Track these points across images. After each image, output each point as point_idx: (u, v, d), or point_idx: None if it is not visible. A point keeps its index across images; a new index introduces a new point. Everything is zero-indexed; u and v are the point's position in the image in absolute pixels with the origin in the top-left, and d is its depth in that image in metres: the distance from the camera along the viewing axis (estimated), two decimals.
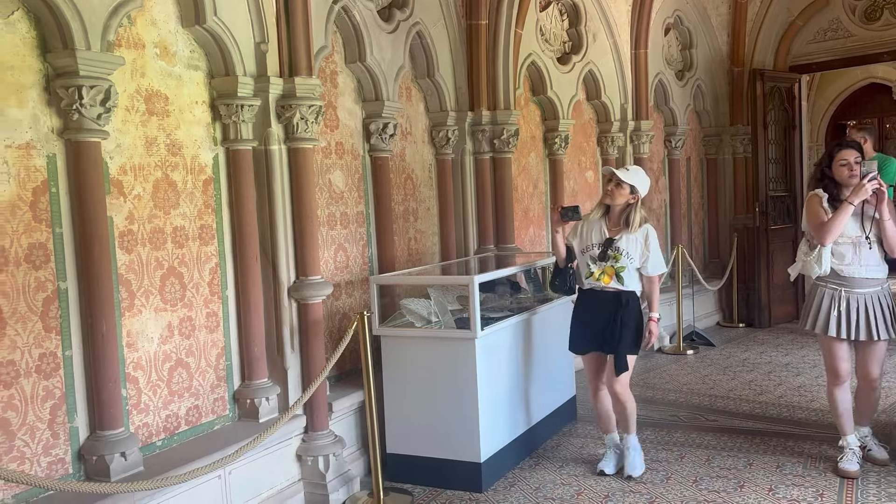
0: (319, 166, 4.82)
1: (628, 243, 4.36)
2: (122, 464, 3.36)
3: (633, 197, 4.34)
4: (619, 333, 4.31)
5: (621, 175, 4.33)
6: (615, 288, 4.36)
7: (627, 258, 4.35)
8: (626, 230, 4.35)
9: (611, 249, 4.36)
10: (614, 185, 4.34)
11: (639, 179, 4.36)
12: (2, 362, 3.07)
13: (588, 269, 4.42)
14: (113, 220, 3.52)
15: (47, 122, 3.25)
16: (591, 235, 4.46)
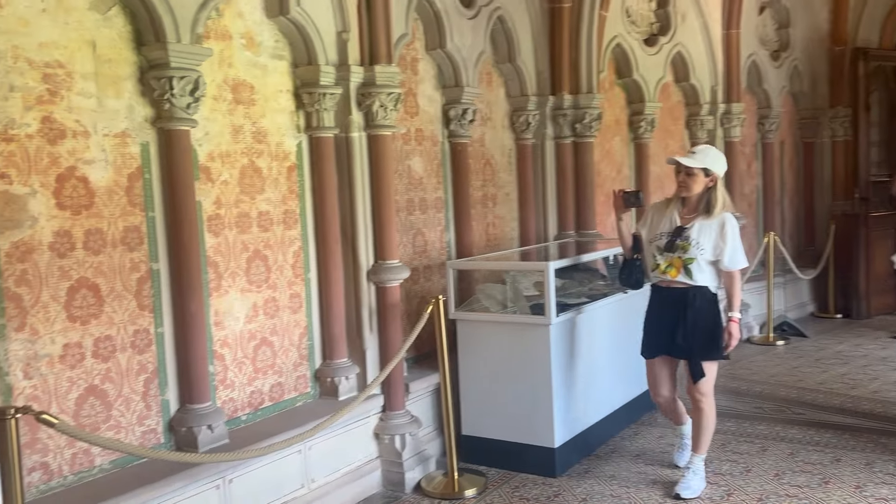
0: (399, 152, 4.90)
1: (701, 232, 3.90)
2: (209, 436, 3.55)
3: (711, 179, 3.91)
4: (691, 336, 3.91)
5: (687, 162, 3.89)
6: (683, 283, 3.93)
7: (697, 249, 3.88)
8: (704, 216, 3.90)
9: (679, 239, 3.91)
10: (685, 175, 3.91)
11: (710, 159, 3.91)
12: (100, 337, 3.29)
13: (654, 260, 4.03)
14: (201, 204, 3.70)
15: (141, 112, 3.44)
16: (660, 224, 4.04)
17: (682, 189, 3.95)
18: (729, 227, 3.90)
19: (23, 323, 3.02)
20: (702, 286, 3.92)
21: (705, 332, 3.92)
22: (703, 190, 3.91)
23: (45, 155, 3.09)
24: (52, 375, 3.11)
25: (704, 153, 3.93)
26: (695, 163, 3.88)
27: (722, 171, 3.95)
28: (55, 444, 3.11)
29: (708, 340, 3.93)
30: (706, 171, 3.89)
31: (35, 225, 3.05)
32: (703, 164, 3.88)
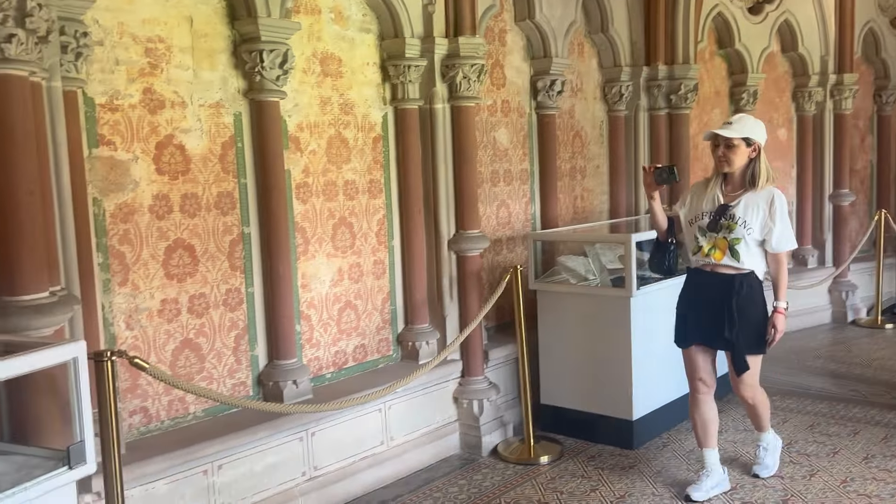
0: (484, 124, 4.96)
1: (747, 209, 3.52)
2: (294, 390, 3.76)
3: (753, 149, 3.53)
4: (736, 326, 3.55)
5: (727, 132, 3.51)
6: (729, 266, 3.56)
7: (744, 228, 3.52)
8: (750, 190, 3.53)
9: (724, 217, 3.55)
10: (725, 148, 3.53)
11: (749, 127, 3.54)
12: (195, 295, 3.54)
13: (696, 242, 3.64)
14: (290, 172, 3.89)
15: (234, 84, 3.65)
16: (701, 203, 3.66)
17: (722, 164, 3.56)
18: (778, 204, 3.54)
19: (125, 278, 3.29)
20: (749, 271, 3.56)
21: (751, 324, 3.58)
22: (746, 163, 3.55)
23: (146, 124, 3.34)
24: (151, 328, 3.39)
25: (743, 122, 3.57)
26: (734, 133, 3.51)
27: (763, 139, 3.57)
28: (154, 390, 3.40)
29: (754, 332, 3.60)
30: (747, 141, 3.52)
31: (136, 188, 3.32)
32: (742, 134, 3.51)
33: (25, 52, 2.54)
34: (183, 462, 3.26)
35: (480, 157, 4.91)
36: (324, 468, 3.82)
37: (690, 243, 3.71)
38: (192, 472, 3.30)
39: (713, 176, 3.68)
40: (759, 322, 3.61)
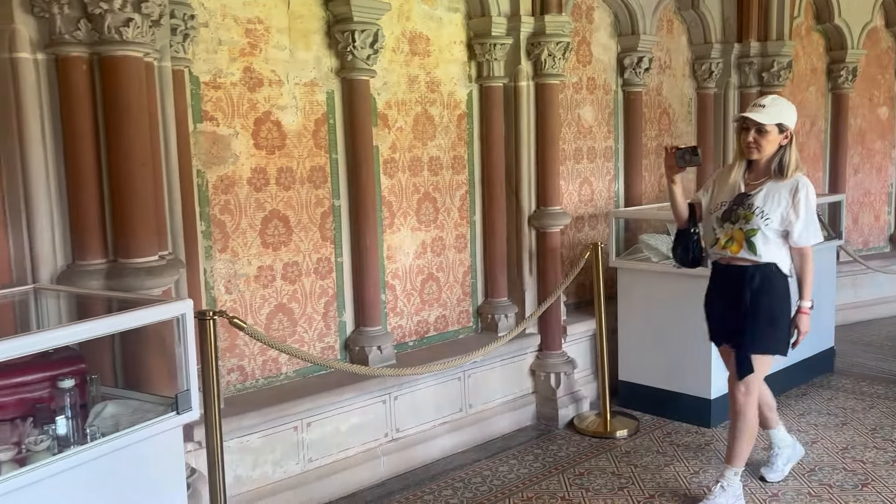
0: (569, 101, 5.00)
1: (767, 198, 3.25)
2: (378, 356, 3.95)
3: (785, 136, 3.24)
4: (745, 321, 3.29)
5: (759, 117, 3.20)
6: (746, 259, 3.29)
7: (762, 218, 3.24)
8: (776, 178, 3.26)
9: (741, 207, 3.28)
10: (756, 133, 3.23)
11: (783, 112, 3.24)
12: (288, 263, 3.76)
13: (713, 234, 3.40)
14: (378, 148, 4.05)
15: (327, 63, 3.82)
16: (722, 191, 3.40)
17: (752, 150, 3.26)
18: (803, 194, 3.23)
19: (225, 245, 3.53)
20: (767, 263, 3.27)
21: (763, 318, 3.28)
22: (776, 150, 3.26)
23: (246, 101, 3.55)
24: (248, 292, 3.63)
25: (777, 105, 3.25)
26: (768, 118, 3.20)
27: (794, 124, 3.29)
28: (250, 351, 3.64)
29: (764, 328, 3.29)
30: (780, 127, 3.23)
31: (236, 162, 3.54)
32: (777, 119, 3.21)
33: (140, 34, 2.76)
34: (275, 418, 3.50)
35: (564, 135, 4.96)
36: (405, 431, 4.01)
37: (708, 235, 3.46)
38: (284, 427, 3.54)
39: (736, 162, 3.39)
40: (774, 318, 3.29)
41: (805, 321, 3.33)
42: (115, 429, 2.16)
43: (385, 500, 3.67)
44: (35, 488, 1.92)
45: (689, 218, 3.54)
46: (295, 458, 3.59)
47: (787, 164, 3.24)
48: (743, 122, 3.29)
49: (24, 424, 2.10)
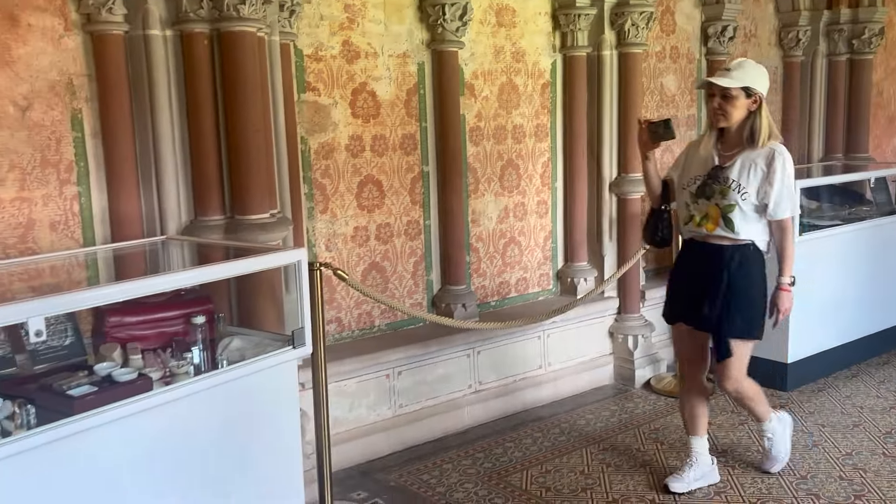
0: (652, 70, 5.08)
1: (743, 171, 3.04)
2: (462, 313, 4.20)
3: (753, 101, 3.04)
4: (722, 304, 3.09)
5: (723, 81, 3.01)
6: (723, 237, 3.09)
7: (738, 193, 3.03)
8: (748, 148, 3.06)
9: (716, 181, 3.07)
10: (721, 100, 3.05)
11: (750, 75, 3.03)
12: (381, 224, 4.04)
13: (687, 210, 3.18)
14: (465, 117, 4.27)
15: (419, 35, 4.05)
16: (694, 165, 3.20)
17: (718, 118, 3.07)
18: (779, 163, 3.02)
19: (326, 207, 3.83)
20: (745, 242, 3.08)
21: (740, 301, 3.09)
22: (745, 116, 3.06)
23: (344, 72, 3.82)
24: (345, 250, 3.93)
25: (743, 69, 3.05)
26: (732, 82, 3.00)
27: (765, 89, 3.06)
28: (346, 304, 3.95)
29: (742, 311, 3.10)
30: (747, 91, 3.02)
31: (336, 130, 3.82)
32: (742, 83, 3.00)
33: (254, 11, 3.05)
34: (369, 366, 3.80)
35: (646, 103, 5.06)
36: (487, 384, 4.26)
37: (682, 212, 3.23)
38: (377, 375, 3.84)
39: (707, 132, 3.20)
40: (754, 302, 3.12)
41: (785, 298, 3.11)
42: (240, 359, 2.47)
43: (469, 445, 3.93)
44: (178, 403, 2.25)
45: (662, 195, 3.34)
46: (387, 403, 3.89)
47: (758, 131, 3.03)
48: (709, 88, 3.09)
49: (165, 353, 2.44)
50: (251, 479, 2.48)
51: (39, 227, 2.86)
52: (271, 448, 2.54)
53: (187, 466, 2.28)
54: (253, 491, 2.49)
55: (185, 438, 2.27)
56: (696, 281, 3.16)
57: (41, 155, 2.86)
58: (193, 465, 2.30)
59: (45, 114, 2.85)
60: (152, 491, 2.19)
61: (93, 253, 2.96)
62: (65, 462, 1.97)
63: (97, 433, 2.03)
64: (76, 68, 2.91)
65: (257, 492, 2.51)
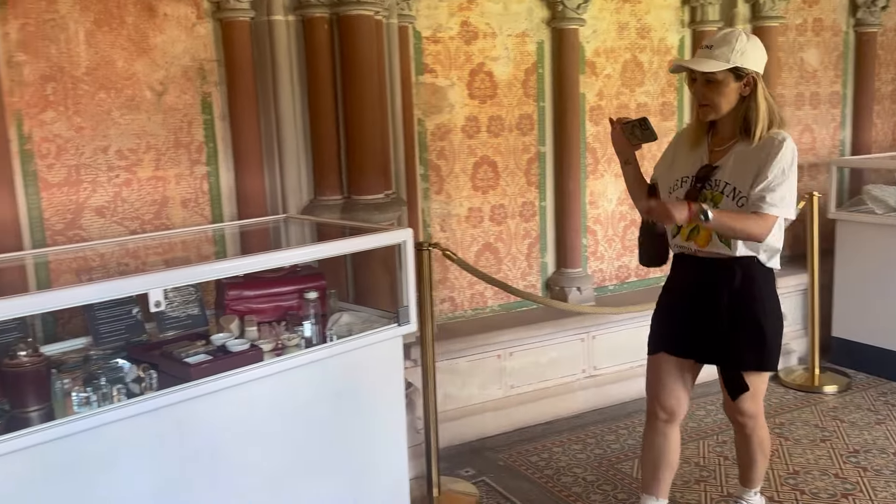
0: (791, 44, 4.77)
1: (736, 170, 2.39)
2: (578, 296, 4.14)
3: (745, 83, 2.36)
4: (727, 332, 2.48)
5: (703, 65, 2.35)
6: (718, 253, 2.45)
7: (734, 199, 2.38)
8: (745, 141, 2.40)
9: (706, 184, 2.43)
10: (704, 87, 2.38)
11: (737, 51, 2.33)
12: (495, 205, 4.04)
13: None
14: (585, 96, 4.17)
15: (538, 14, 3.99)
16: (683, 163, 2.54)
17: (704, 111, 2.42)
18: (779, 151, 2.32)
19: (440, 188, 3.87)
20: (748, 255, 2.44)
21: (751, 328, 2.48)
22: (738, 103, 2.39)
23: (462, 53, 3.83)
24: (459, 231, 3.96)
25: (728, 43, 2.35)
26: (715, 63, 2.33)
27: (759, 66, 2.37)
28: (459, 284, 3.99)
29: (755, 340, 2.49)
30: (737, 73, 2.35)
31: (452, 111, 3.84)
32: (728, 63, 2.32)
33: None
34: (481, 345, 3.83)
35: (784, 80, 4.76)
36: (602, 369, 4.19)
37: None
38: (488, 354, 3.86)
39: (696, 123, 2.54)
40: (764, 327, 2.48)
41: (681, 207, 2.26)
42: (348, 334, 2.56)
43: (581, 430, 3.89)
44: (288, 374, 2.36)
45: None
46: (497, 383, 3.91)
47: (753, 121, 2.37)
48: (689, 73, 2.43)
49: (279, 326, 2.56)
50: (356, 450, 2.58)
51: (172, 204, 3.07)
52: (376, 421, 2.62)
53: (294, 435, 2.39)
54: (357, 462, 2.59)
55: (294, 408, 2.38)
56: (690, 304, 2.54)
57: (174, 137, 3.06)
58: (300, 433, 2.41)
59: (179, 98, 3.05)
60: (260, 456, 2.32)
61: (220, 229, 3.14)
62: (181, 425, 2.12)
63: (211, 399, 2.17)
64: (206, 54, 3.09)
65: (362, 463, 2.60)
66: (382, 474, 2.67)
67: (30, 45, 2.73)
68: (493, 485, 3.39)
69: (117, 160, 2.94)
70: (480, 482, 3.40)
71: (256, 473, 2.31)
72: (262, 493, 2.33)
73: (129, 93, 2.93)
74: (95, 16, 2.84)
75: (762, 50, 2.40)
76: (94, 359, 2.31)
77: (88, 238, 2.89)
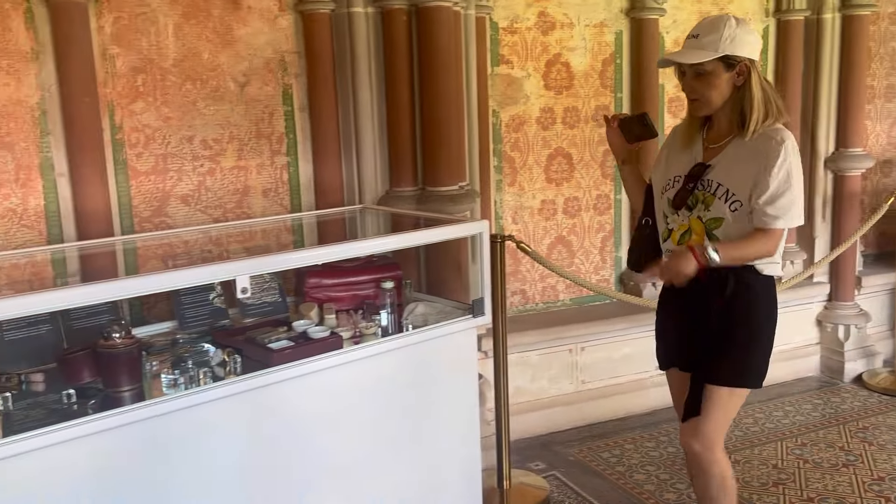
0: (882, 34, 4.57)
1: (731, 169, 2.18)
2: (652, 292, 4.03)
3: (738, 73, 2.16)
4: (710, 341, 2.24)
5: (688, 56, 2.18)
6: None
7: (726, 202, 2.17)
8: (740, 136, 2.19)
9: (698, 185, 2.22)
10: (692, 79, 2.20)
11: (725, 38, 2.13)
12: (569, 198, 4.00)
13: (665, 223, 2.33)
14: (664, 87, 4.09)
15: (617, 4, 3.92)
16: (677, 161, 2.33)
17: (695, 105, 2.23)
18: (780, 155, 2.10)
19: (514, 180, 3.86)
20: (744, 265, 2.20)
21: (737, 339, 2.23)
22: (732, 94, 2.19)
23: (538, 44, 3.79)
24: (531, 223, 3.94)
25: (716, 30, 2.15)
26: (701, 53, 2.15)
27: (752, 52, 2.17)
28: (531, 277, 3.97)
29: (734, 350, 2.23)
30: (727, 62, 2.15)
31: (527, 102, 3.82)
32: (717, 51, 2.13)
33: None
34: (552, 339, 3.80)
35: (874, 70, 4.57)
36: None
37: (660, 224, 2.38)
38: (559, 348, 3.84)
39: (690, 119, 2.33)
40: (751, 338, 2.24)
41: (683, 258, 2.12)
42: (424, 324, 2.58)
43: (653, 427, 3.83)
44: (365, 362, 2.40)
45: (646, 204, 2.47)
46: (569, 377, 3.88)
47: (748, 114, 2.15)
48: (680, 66, 2.24)
49: (356, 314, 2.60)
50: (429, 439, 2.60)
51: (253, 193, 3.15)
52: (449, 411, 2.64)
53: (370, 422, 2.43)
54: (431, 450, 2.61)
55: (370, 396, 2.42)
56: (683, 313, 2.33)
57: (256, 127, 3.12)
58: (376, 421, 2.44)
59: (261, 89, 3.11)
60: (338, 441, 2.36)
61: (298, 219, 3.20)
62: (263, 409, 2.18)
63: (292, 384, 2.21)
64: (288, 46, 3.14)
65: (435, 451, 2.62)
66: (455, 463, 2.68)
67: (122, 38, 2.83)
68: (564, 480, 3.37)
69: (202, 150, 3.02)
70: (551, 476, 3.39)
71: (332, 458, 2.35)
72: (338, 479, 2.38)
73: (213, 84, 3.01)
74: (183, 9, 2.93)
75: (754, 34, 2.19)
76: (181, 342, 2.38)
77: (174, 225, 2.99)
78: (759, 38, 2.24)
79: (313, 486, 2.32)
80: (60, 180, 2.76)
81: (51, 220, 2.76)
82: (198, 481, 2.08)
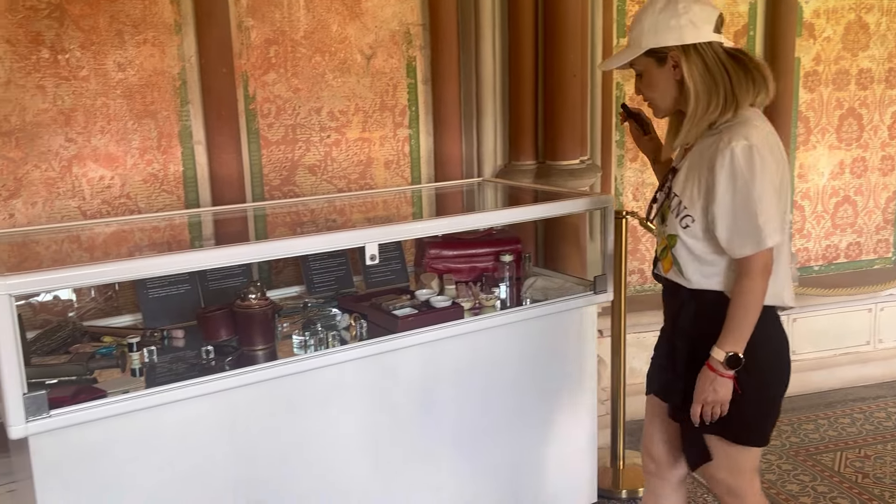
0: None
1: (686, 175, 1.88)
2: None
3: (674, 66, 1.84)
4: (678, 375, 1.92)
5: (615, 59, 1.98)
6: (675, 280, 1.93)
7: (677, 216, 1.87)
8: (701, 138, 1.86)
9: (667, 195, 1.94)
10: (637, 80, 1.96)
11: (648, 30, 1.84)
12: None
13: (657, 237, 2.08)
14: (800, 60, 3.86)
15: None
16: (663, 167, 2.12)
17: (654, 109, 1.98)
18: (728, 168, 1.75)
19: (635, 155, 3.75)
20: (708, 290, 1.87)
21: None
22: (676, 90, 1.87)
23: None
24: None
25: (637, 23, 1.89)
26: (624, 53, 1.92)
27: (683, 36, 1.81)
28: (649, 255, 3.86)
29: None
30: (658, 56, 1.86)
31: None
32: (643, 45, 1.86)
33: None
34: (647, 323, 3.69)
35: None
36: (802, 354, 3.91)
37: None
38: None
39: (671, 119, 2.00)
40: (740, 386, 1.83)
41: (712, 383, 1.80)
42: (543, 299, 2.56)
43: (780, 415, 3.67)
44: (485, 333, 2.40)
45: None
46: None
47: (692, 111, 1.83)
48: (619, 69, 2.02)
49: (475, 286, 2.61)
50: (546, 414, 2.59)
51: (376, 164, 3.20)
52: (567, 387, 2.61)
53: (488, 393, 2.44)
54: (547, 425, 2.60)
55: (489, 366, 2.42)
56: (664, 336, 2.08)
57: (380, 100, 3.17)
58: (494, 392, 2.45)
59: (385, 62, 3.15)
60: (455, 410, 2.38)
61: (418, 190, 3.24)
62: (386, 373, 2.23)
63: (414, 351, 2.25)
64: (413, 18, 3.16)
65: (552, 426, 2.61)
66: (571, 439, 2.66)
67: (257, 10, 2.92)
68: None
69: (328, 121, 3.10)
70: None
71: (449, 426, 2.38)
72: (454, 447, 2.40)
73: (341, 56, 3.07)
74: None
75: (686, 14, 1.81)
76: (311, 306, 2.47)
77: (300, 194, 3.08)
78: (695, 16, 1.81)
79: (434, 455, 2.35)
80: (198, 148, 2.89)
81: (188, 185, 2.90)
82: (323, 440, 2.15)
